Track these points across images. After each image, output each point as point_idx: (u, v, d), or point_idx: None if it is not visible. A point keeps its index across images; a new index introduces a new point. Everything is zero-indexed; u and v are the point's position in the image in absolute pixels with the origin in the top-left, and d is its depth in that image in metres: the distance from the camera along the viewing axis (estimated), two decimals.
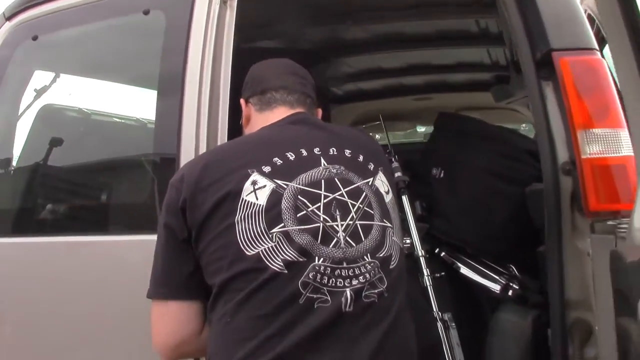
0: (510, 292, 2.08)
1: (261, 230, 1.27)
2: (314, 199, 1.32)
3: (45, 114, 2.11)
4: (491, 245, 2.09)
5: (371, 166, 1.44)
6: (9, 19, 2.09)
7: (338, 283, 1.27)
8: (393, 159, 2.10)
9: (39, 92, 2.14)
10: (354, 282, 1.28)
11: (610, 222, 1.47)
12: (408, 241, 1.97)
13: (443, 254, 2.18)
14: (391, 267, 1.35)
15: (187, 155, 1.70)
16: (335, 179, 1.36)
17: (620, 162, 1.53)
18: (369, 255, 1.31)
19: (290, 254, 1.26)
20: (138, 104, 2.04)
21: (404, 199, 2.02)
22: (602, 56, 1.64)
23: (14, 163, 2.12)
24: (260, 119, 1.53)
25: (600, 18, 1.02)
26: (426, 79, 3.91)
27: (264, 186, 1.31)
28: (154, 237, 1.46)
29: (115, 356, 1.80)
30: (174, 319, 1.39)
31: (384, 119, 5.05)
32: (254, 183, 1.32)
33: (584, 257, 1.58)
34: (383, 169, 1.48)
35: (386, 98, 4.27)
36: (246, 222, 1.28)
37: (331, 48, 3.03)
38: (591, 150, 1.53)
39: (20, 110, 2.09)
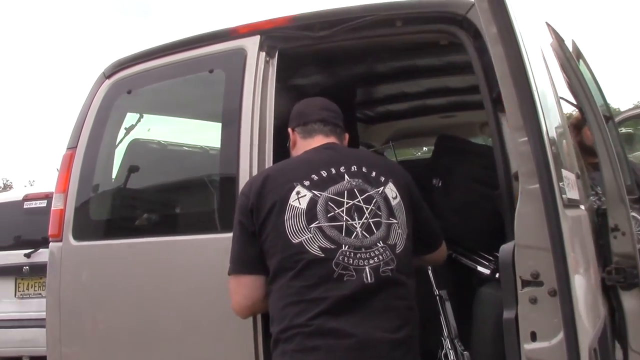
0: (497, 275, 2.78)
1: (303, 226, 1.97)
2: (339, 204, 2.02)
3: (141, 146, 2.98)
4: (480, 237, 2.79)
5: (382, 179, 2.12)
6: (108, 77, 2.96)
7: (360, 262, 1.94)
8: None
9: (129, 130, 3.00)
10: (371, 261, 1.94)
11: None
12: None
13: None
14: (397, 251, 2.00)
15: (244, 174, 2.46)
16: (355, 190, 2.06)
17: None
18: (380, 242, 1.98)
19: (324, 242, 1.95)
20: (207, 137, 2.88)
21: None
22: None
23: (116, 183, 2.98)
24: (304, 144, 2.27)
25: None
26: (448, 100, 4.63)
27: (305, 195, 2.02)
28: (223, 235, 2.25)
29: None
30: (246, 287, 2.09)
31: (416, 135, 5.82)
32: (297, 193, 2.02)
33: None
34: (393, 180, 2.13)
35: (414, 117, 5.03)
36: (292, 220, 1.98)
37: (358, 80, 3.80)
38: None
39: (121, 143, 2.96)
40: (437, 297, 2.68)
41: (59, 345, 2.87)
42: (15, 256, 5.82)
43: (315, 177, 2.05)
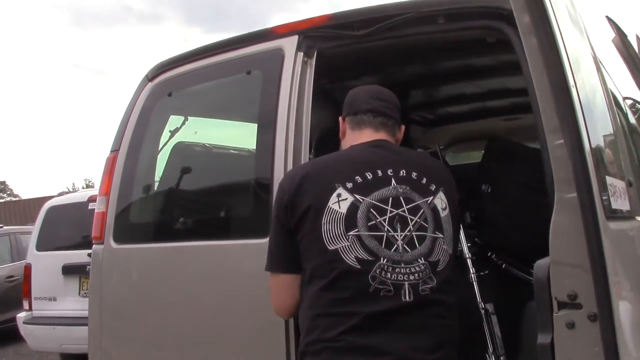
0: None
1: (340, 232, 1.80)
2: (382, 212, 1.83)
3: (183, 149, 2.94)
4: (533, 247, 2.59)
5: (433, 187, 1.91)
6: (151, 80, 2.94)
7: (399, 277, 1.77)
8: None
9: (173, 132, 2.97)
10: (411, 277, 1.78)
11: None
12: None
13: (493, 256, 2.73)
14: (439, 269, 1.82)
15: (278, 178, 2.37)
16: (400, 197, 1.86)
17: None
18: (422, 258, 1.81)
19: (361, 253, 1.78)
20: (243, 138, 2.81)
21: None
22: None
23: (156, 186, 2.95)
24: (352, 136, 2.06)
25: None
26: (511, 102, 4.39)
27: (346, 199, 1.83)
28: (258, 240, 2.16)
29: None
30: (287, 287, 1.93)
31: (478, 138, 5.58)
32: (338, 195, 1.84)
33: None
34: (444, 189, 1.93)
35: (476, 120, 4.81)
36: (329, 224, 1.81)
37: (406, 81, 3.63)
38: None
39: (160, 146, 2.93)
40: (483, 311, 2.50)
41: (99, 344, 2.88)
42: (80, 255, 5.96)
43: (359, 179, 1.86)
